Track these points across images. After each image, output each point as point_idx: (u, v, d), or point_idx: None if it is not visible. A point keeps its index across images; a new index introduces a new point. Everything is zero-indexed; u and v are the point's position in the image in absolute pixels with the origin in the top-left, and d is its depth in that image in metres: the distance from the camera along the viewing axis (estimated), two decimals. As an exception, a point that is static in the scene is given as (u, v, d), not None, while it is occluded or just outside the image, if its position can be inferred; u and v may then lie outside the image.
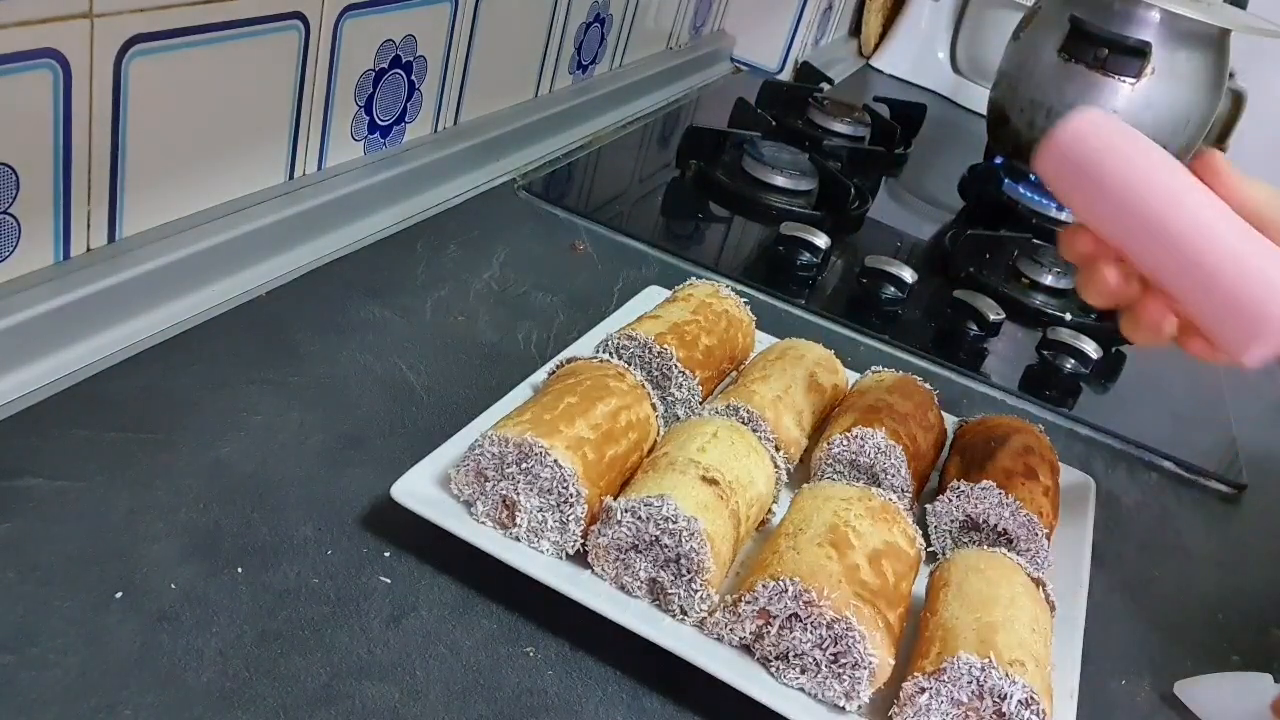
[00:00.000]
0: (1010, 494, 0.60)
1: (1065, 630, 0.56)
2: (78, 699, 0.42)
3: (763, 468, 0.58)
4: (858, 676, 0.48)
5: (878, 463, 0.62)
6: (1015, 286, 1.04)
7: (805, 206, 1.09)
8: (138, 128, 0.62)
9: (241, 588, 0.49)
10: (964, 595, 0.52)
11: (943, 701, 0.47)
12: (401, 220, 0.85)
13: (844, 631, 0.48)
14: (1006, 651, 0.47)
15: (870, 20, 1.87)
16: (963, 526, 0.62)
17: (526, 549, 0.53)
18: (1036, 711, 0.46)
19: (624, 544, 0.51)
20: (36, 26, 0.53)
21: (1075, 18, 1.18)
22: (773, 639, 0.50)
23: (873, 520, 0.54)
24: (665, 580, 0.51)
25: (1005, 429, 0.66)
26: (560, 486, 0.52)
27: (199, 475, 0.54)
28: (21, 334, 0.57)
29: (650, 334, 0.66)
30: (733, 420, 0.61)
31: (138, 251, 0.64)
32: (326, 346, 0.67)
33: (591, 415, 0.55)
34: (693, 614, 0.51)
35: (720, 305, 0.72)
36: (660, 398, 0.64)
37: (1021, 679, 0.46)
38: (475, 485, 0.53)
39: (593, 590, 0.51)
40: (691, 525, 0.50)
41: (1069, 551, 0.63)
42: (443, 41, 0.87)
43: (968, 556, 0.55)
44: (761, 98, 1.34)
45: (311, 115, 0.76)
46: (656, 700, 0.50)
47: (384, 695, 0.46)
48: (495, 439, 0.52)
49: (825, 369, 0.70)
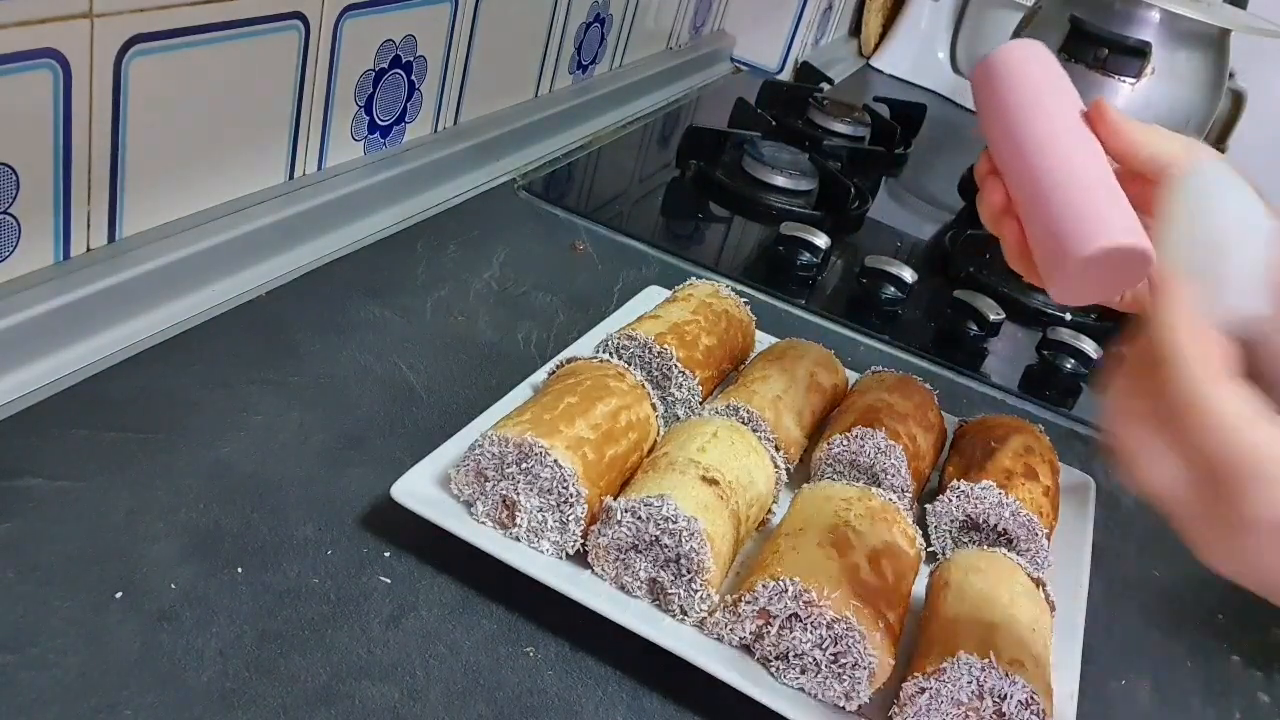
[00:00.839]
0: (1010, 494, 0.60)
1: (1065, 630, 0.56)
2: (78, 699, 0.42)
3: (763, 468, 0.58)
4: (858, 676, 0.48)
5: (878, 463, 0.62)
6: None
7: (805, 206, 1.09)
8: (138, 128, 0.62)
9: (241, 588, 0.49)
10: (964, 596, 0.52)
11: (943, 702, 0.47)
12: (401, 220, 0.85)
13: (844, 631, 0.48)
14: (1006, 652, 0.47)
15: (870, 20, 1.87)
16: (963, 526, 0.62)
17: (526, 549, 0.53)
18: (1036, 711, 0.46)
19: (624, 544, 0.51)
20: (36, 26, 0.53)
21: (1075, 18, 1.17)
22: (773, 639, 0.50)
23: (872, 520, 0.54)
24: (665, 580, 0.51)
25: (1005, 429, 0.66)
26: (560, 486, 0.52)
27: (199, 475, 0.54)
28: (21, 334, 0.57)
29: (650, 334, 0.66)
30: (733, 420, 0.61)
31: (138, 251, 0.64)
32: (326, 346, 0.67)
33: (591, 415, 0.55)
34: (693, 614, 0.51)
35: (720, 305, 0.72)
36: (660, 398, 0.64)
37: (1021, 679, 0.46)
38: (475, 485, 0.53)
39: (593, 590, 0.51)
40: (692, 525, 0.50)
41: (1069, 552, 0.63)
42: (443, 41, 0.87)
43: (968, 557, 0.55)
44: (761, 98, 1.34)
45: (311, 115, 0.76)
46: (656, 700, 0.50)
47: (384, 695, 0.46)
48: (495, 439, 0.52)
49: (825, 369, 0.70)
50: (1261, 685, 0.62)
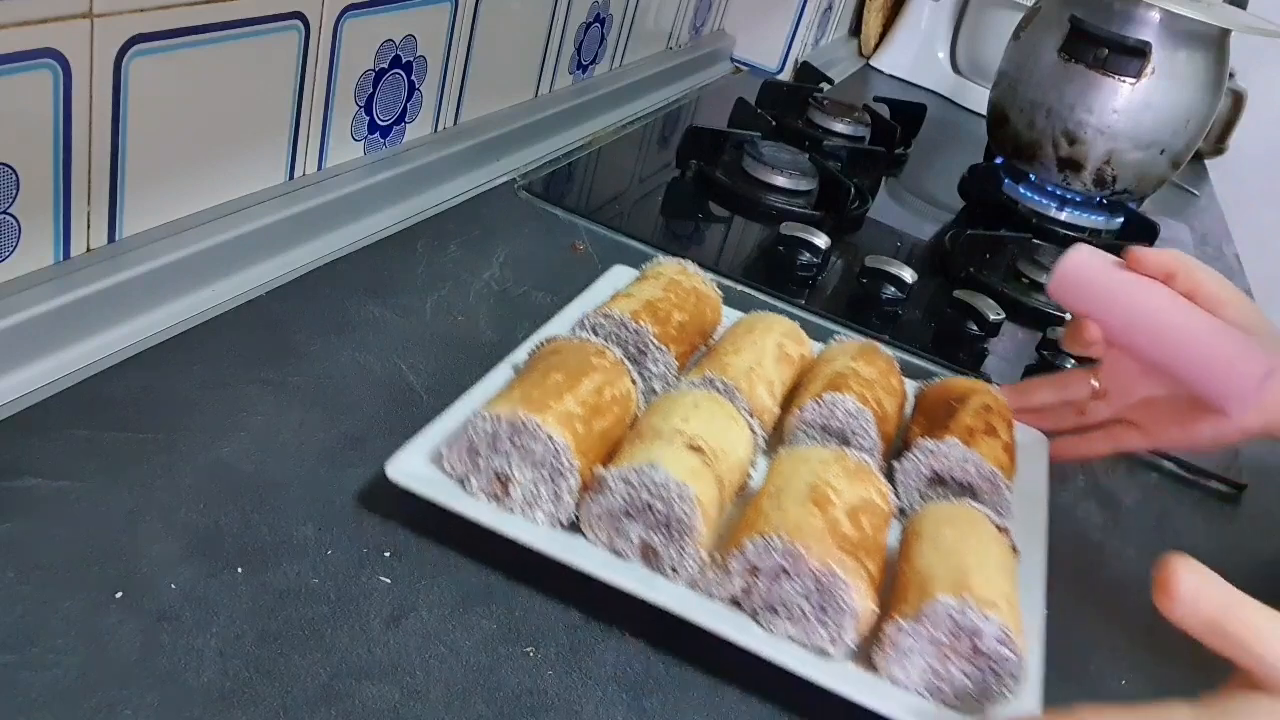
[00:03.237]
0: (973, 449, 0.64)
1: (1027, 575, 0.59)
2: (78, 699, 0.42)
3: (741, 435, 0.60)
4: (843, 623, 0.51)
5: (848, 426, 0.65)
6: (1015, 286, 1.04)
7: (805, 206, 1.09)
8: (138, 128, 0.62)
9: (241, 588, 0.49)
10: (937, 544, 0.55)
11: (923, 642, 0.50)
12: (401, 220, 0.85)
13: (829, 581, 0.50)
14: (981, 592, 0.50)
15: (870, 20, 1.87)
16: (930, 481, 0.65)
17: (521, 520, 0.54)
18: (1010, 647, 0.49)
19: (617, 510, 0.53)
20: (36, 26, 0.53)
21: (1075, 18, 1.18)
22: (761, 592, 0.52)
23: (849, 479, 0.57)
24: (657, 543, 0.53)
25: (964, 390, 0.70)
26: (554, 459, 0.53)
27: (199, 475, 0.54)
28: (21, 334, 0.57)
29: (625, 312, 0.68)
30: (711, 391, 0.63)
31: (138, 251, 0.64)
32: (326, 346, 0.67)
33: (578, 391, 0.57)
34: (684, 573, 0.53)
35: (689, 282, 0.75)
36: (638, 373, 0.67)
37: (996, 617, 0.49)
38: (468, 462, 0.55)
39: (588, 556, 0.53)
40: (683, 490, 0.52)
41: (1027, 502, 0.67)
42: (443, 41, 0.87)
43: (939, 509, 0.59)
44: (761, 98, 1.34)
45: (311, 115, 0.76)
46: (656, 701, 0.50)
47: (384, 695, 0.46)
48: (487, 416, 0.54)
49: (792, 340, 0.73)
50: (1261, 685, 0.62)
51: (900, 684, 0.51)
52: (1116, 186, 1.21)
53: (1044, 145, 1.22)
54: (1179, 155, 1.21)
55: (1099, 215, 1.26)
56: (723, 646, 0.52)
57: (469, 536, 0.55)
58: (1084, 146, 1.19)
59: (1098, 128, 1.17)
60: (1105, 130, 1.17)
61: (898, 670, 0.51)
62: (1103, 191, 1.22)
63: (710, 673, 0.52)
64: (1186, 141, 1.20)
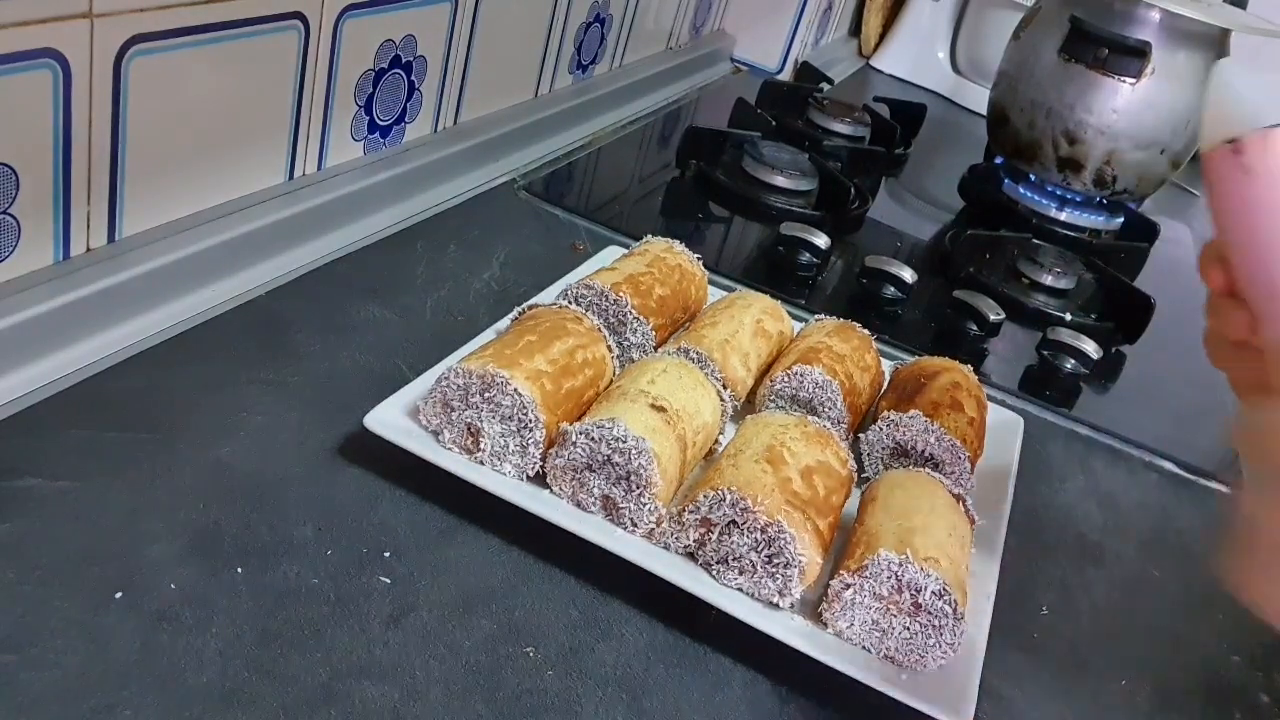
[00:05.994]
0: (935, 422, 0.65)
1: (986, 544, 0.61)
2: (78, 699, 0.42)
3: (709, 400, 0.62)
4: (789, 575, 0.53)
5: (816, 396, 0.68)
6: (1015, 286, 1.04)
7: (805, 206, 1.09)
8: (138, 128, 0.62)
9: (241, 588, 0.49)
10: (889, 507, 0.57)
11: (865, 595, 0.52)
12: (401, 220, 0.85)
13: (776, 534, 0.52)
14: (923, 549, 0.52)
15: (870, 20, 1.87)
16: (893, 453, 0.67)
17: (490, 471, 0.56)
18: (949, 602, 0.51)
19: (579, 464, 0.55)
20: (36, 26, 0.53)
21: (1075, 18, 1.18)
22: (714, 545, 0.54)
23: (807, 442, 0.59)
24: (617, 496, 0.55)
25: (935, 368, 0.72)
26: (520, 413, 0.56)
27: (199, 475, 0.54)
28: (21, 334, 0.57)
29: (607, 284, 0.70)
30: (682, 359, 0.65)
31: (138, 251, 0.64)
32: (326, 346, 0.67)
33: (549, 351, 0.59)
34: (642, 525, 0.55)
35: (674, 260, 0.77)
36: (617, 342, 0.69)
37: (935, 573, 0.51)
38: (442, 415, 0.57)
39: (552, 506, 0.55)
40: (640, 444, 0.54)
41: (994, 477, 0.68)
42: (443, 41, 0.87)
43: (894, 475, 0.61)
44: (761, 98, 1.34)
45: (311, 115, 0.76)
46: (656, 701, 0.50)
47: (384, 695, 0.46)
48: (460, 371, 0.56)
49: (771, 316, 0.75)
50: (1262, 685, 0.62)
51: (844, 637, 0.53)
52: (1116, 187, 1.22)
53: (1044, 145, 1.22)
54: (1179, 155, 1.21)
55: (1099, 215, 1.26)
56: (723, 647, 0.52)
57: (469, 536, 0.55)
58: (1084, 146, 1.19)
59: (1098, 128, 1.17)
60: (1105, 130, 1.17)
61: (842, 623, 0.53)
62: (1103, 192, 1.22)
63: (710, 673, 0.52)
64: (1186, 141, 1.20)
